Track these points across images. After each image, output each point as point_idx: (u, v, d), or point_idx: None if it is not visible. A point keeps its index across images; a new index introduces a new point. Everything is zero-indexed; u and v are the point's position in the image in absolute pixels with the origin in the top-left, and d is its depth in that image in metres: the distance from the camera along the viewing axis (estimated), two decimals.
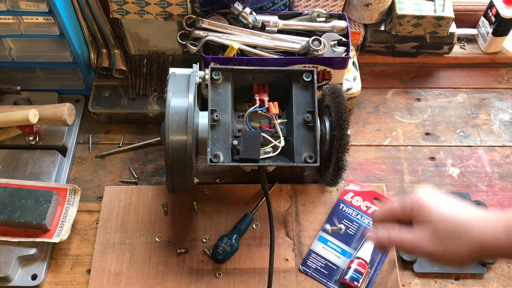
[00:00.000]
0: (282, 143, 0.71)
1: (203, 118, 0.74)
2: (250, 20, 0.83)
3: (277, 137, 0.72)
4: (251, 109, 0.73)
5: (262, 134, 0.71)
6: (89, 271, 0.78)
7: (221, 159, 0.69)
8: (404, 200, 0.57)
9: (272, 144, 0.72)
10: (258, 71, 0.75)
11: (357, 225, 0.81)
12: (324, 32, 0.85)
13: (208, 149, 0.69)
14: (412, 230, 0.56)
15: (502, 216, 0.52)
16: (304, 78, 0.74)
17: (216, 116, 0.71)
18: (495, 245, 0.52)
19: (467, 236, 0.53)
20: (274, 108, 0.73)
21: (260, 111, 0.74)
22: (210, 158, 0.69)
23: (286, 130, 0.76)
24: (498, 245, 0.52)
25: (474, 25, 1.06)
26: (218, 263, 0.77)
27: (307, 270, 0.77)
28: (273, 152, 0.71)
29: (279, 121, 0.74)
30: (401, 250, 0.59)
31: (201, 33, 0.84)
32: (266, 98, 0.74)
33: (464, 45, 1.06)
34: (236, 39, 0.83)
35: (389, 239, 0.57)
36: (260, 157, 0.70)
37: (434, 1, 0.95)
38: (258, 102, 0.74)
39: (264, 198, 0.83)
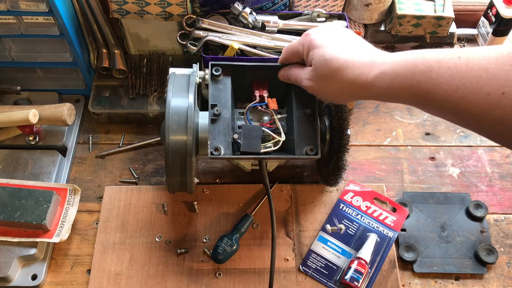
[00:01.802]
0: (283, 138, 0.71)
1: (203, 118, 0.74)
2: (250, 20, 0.83)
3: (277, 134, 0.72)
4: (252, 104, 0.73)
5: (263, 128, 0.71)
6: (89, 271, 0.78)
7: (222, 152, 0.69)
8: (301, 41, 0.65)
9: (275, 141, 0.72)
10: (259, 67, 0.75)
11: (357, 225, 0.81)
12: None
13: (208, 142, 0.69)
14: (304, 68, 0.65)
15: (385, 59, 0.56)
16: None
17: (217, 110, 0.71)
18: (364, 85, 0.57)
19: (338, 77, 0.59)
20: (273, 104, 0.73)
21: (260, 107, 0.74)
22: (211, 151, 0.69)
23: (286, 126, 0.76)
24: (366, 85, 0.57)
25: (474, 25, 1.06)
26: (218, 263, 0.77)
27: (307, 270, 0.77)
28: (274, 147, 0.71)
29: (279, 116, 0.74)
30: (297, 83, 0.69)
31: (201, 33, 0.84)
32: (266, 95, 0.74)
33: (464, 45, 1.06)
34: (236, 39, 0.83)
35: (290, 73, 0.69)
36: (261, 151, 0.70)
37: (434, 1, 0.95)
38: (258, 98, 0.74)
39: (264, 198, 0.83)
